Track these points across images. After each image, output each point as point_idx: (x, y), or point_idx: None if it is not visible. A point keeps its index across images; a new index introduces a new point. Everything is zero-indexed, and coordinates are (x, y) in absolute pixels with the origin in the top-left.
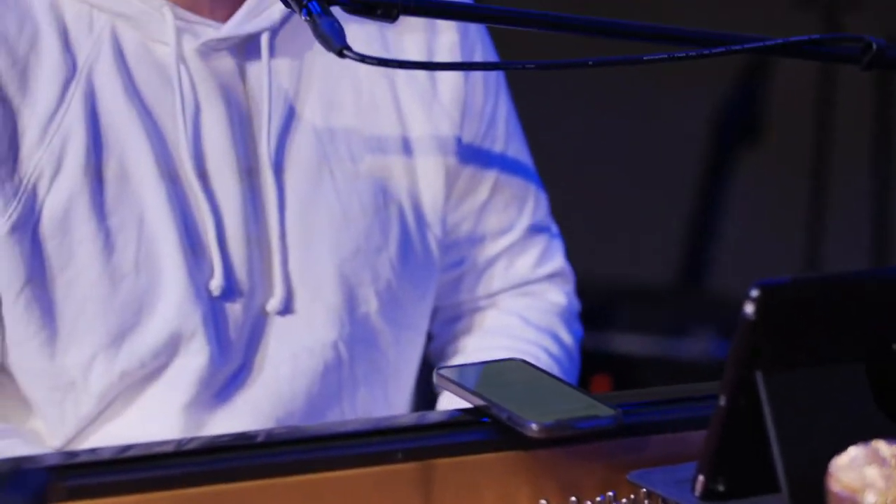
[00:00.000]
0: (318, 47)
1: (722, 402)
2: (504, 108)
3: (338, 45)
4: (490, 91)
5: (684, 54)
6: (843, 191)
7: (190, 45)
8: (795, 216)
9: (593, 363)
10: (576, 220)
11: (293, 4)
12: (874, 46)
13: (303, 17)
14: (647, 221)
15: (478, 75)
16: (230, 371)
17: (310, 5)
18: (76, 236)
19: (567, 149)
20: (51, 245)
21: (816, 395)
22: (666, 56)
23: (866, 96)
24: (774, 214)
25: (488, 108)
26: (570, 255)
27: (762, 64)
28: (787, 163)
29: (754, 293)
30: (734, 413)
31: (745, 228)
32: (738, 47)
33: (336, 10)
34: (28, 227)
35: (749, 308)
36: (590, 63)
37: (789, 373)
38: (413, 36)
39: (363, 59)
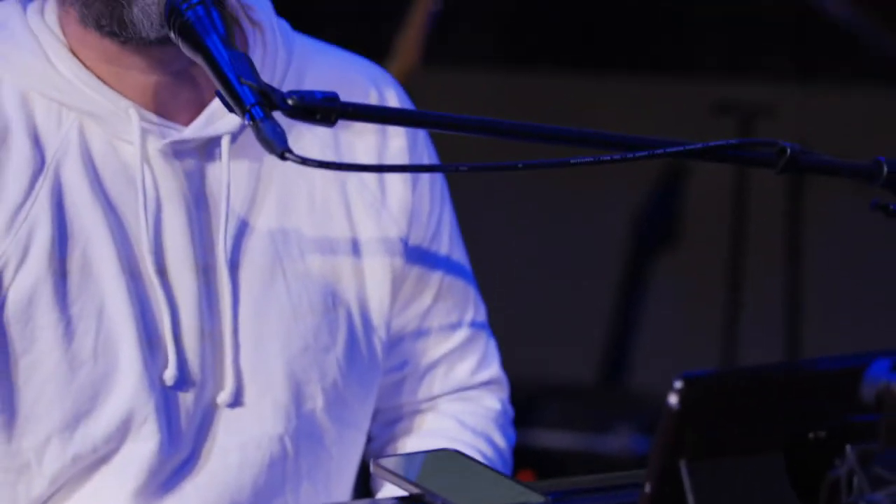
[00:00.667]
0: None
1: (647, 489)
2: (448, 217)
3: (280, 147)
4: (436, 201)
5: (609, 157)
6: (757, 289)
7: (154, 146)
8: (712, 314)
9: (516, 458)
10: (501, 316)
11: (237, 110)
12: (788, 151)
13: (245, 122)
14: (570, 319)
15: (425, 185)
16: (179, 459)
17: (252, 110)
18: (38, 323)
19: (494, 246)
20: (14, 330)
21: (738, 483)
22: (592, 159)
23: (778, 200)
24: (692, 312)
25: (434, 217)
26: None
27: (680, 167)
28: (704, 263)
29: (678, 384)
30: (659, 500)
31: (664, 326)
32: (660, 151)
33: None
34: None
35: (673, 399)
36: (519, 166)
37: (712, 462)
38: (365, 140)
39: (304, 161)
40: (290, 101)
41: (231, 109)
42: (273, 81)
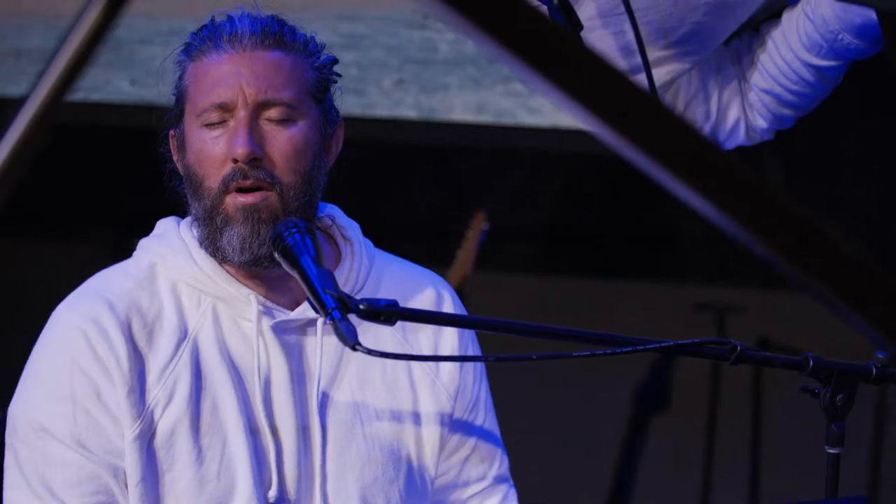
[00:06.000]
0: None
1: None
2: (485, 390)
3: (352, 342)
4: (477, 377)
5: (602, 352)
6: (727, 448)
7: (266, 324)
8: (691, 472)
9: None
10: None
11: (321, 312)
12: (738, 348)
13: (326, 321)
14: (585, 465)
15: (468, 367)
16: None
17: (333, 313)
18: (178, 448)
19: (524, 413)
20: (160, 454)
21: None
22: (589, 353)
23: (745, 382)
24: (673, 467)
25: (475, 390)
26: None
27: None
28: (685, 428)
29: None
30: None
31: (651, 480)
32: (641, 348)
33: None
34: (146, 438)
35: None
36: (534, 357)
37: None
38: (425, 331)
39: (369, 352)
40: (361, 307)
41: (317, 311)
42: (358, 281)
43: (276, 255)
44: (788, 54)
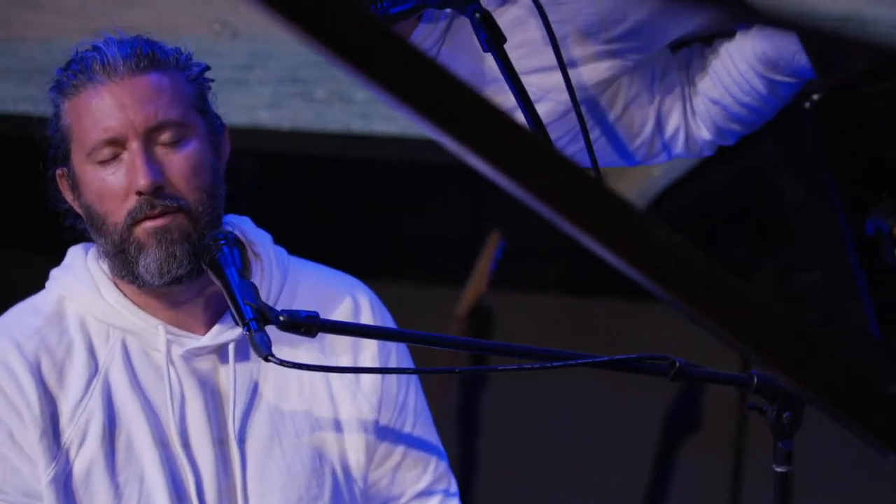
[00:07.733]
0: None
1: None
2: (413, 396)
3: (265, 352)
4: (402, 384)
5: (530, 366)
6: (755, 474)
7: (176, 352)
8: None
9: None
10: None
11: (239, 322)
12: (677, 364)
13: (244, 332)
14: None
15: (391, 374)
16: None
17: (250, 324)
18: (95, 488)
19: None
20: (78, 494)
21: None
22: (516, 367)
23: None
24: (700, 493)
25: (401, 397)
26: None
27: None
28: (712, 450)
29: None
30: None
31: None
32: (573, 362)
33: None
34: (62, 479)
35: None
36: (456, 370)
37: None
38: (343, 340)
39: (282, 363)
40: (281, 318)
41: (236, 323)
42: (270, 297)
43: (203, 265)
44: (743, 64)
